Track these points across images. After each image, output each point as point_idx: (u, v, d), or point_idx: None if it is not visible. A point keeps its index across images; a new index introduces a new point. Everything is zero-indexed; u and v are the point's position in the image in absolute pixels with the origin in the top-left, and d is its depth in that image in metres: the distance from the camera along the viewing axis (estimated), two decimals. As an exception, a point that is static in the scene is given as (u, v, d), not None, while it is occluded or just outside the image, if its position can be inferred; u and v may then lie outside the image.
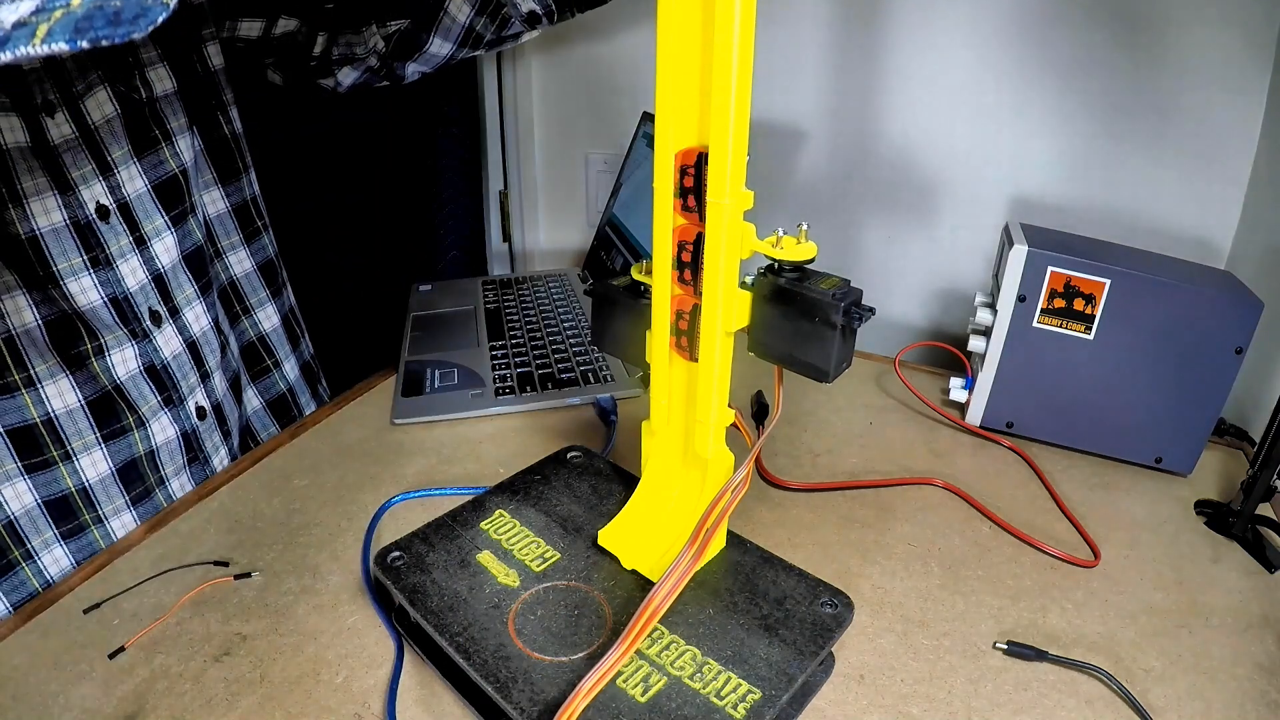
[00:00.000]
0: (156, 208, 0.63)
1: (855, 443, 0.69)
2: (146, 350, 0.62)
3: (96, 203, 0.58)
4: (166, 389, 0.64)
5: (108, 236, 0.59)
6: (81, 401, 0.59)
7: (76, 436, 0.59)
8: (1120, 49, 0.79)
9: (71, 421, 0.59)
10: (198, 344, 0.68)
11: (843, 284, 0.41)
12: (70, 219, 0.56)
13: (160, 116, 0.64)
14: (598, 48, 1.10)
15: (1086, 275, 0.63)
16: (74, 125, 0.57)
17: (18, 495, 0.57)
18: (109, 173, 0.59)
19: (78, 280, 0.57)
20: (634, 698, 0.38)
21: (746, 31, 0.34)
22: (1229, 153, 0.78)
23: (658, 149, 0.39)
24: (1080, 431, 0.68)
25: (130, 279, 0.61)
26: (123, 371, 0.61)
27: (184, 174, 0.66)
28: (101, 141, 0.58)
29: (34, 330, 0.56)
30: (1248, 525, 0.58)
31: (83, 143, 0.57)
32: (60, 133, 0.56)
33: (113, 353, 0.60)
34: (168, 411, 0.65)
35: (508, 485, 0.55)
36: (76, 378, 0.59)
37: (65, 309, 0.57)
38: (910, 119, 0.91)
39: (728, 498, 0.43)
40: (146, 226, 0.62)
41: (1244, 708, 0.44)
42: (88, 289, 0.58)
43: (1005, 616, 0.50)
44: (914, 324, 1.00)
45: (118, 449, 0.61)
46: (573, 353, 0.82)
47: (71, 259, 0.57)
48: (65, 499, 0.59)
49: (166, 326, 0.64)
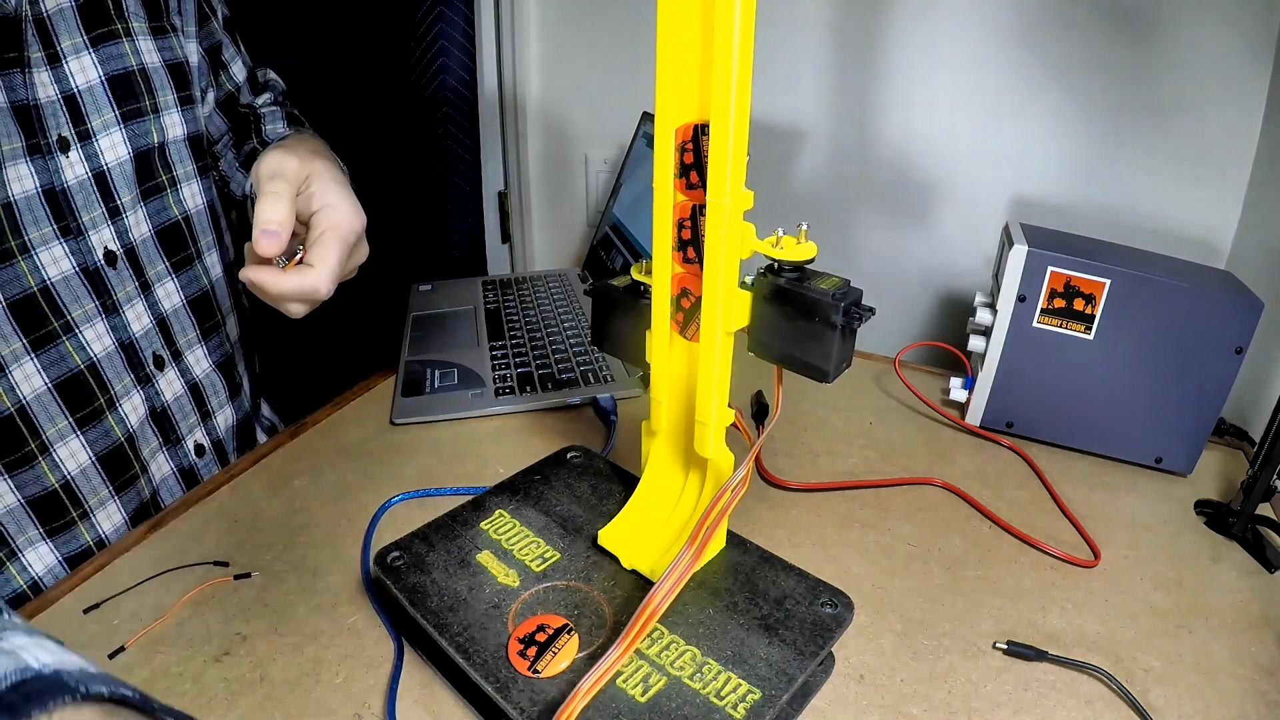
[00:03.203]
0: (159, 253, 0.63)
1: (855, 443, 0.69)
2: (149, 394, 0.62)
3: (105, 248, 0.57)
4: (166, 430, 0.64)
5: (114, 282, 0.58)
6: (93, 458, 0.58)
7: (92, 494, 0.58)
8: (1120, 49, 0.79)
9: (85, 480, 0.57)
10: (200, 386, 0.68)
11: (843, 284, 0.41)
12: (80, 265, 0.56)
13: (169, 162, 0.64)
14: (598, 48, 1.10)
15: (1086, 275, 0.63)
16: (87, 165, 0.56)
17: (39, 557, 0.56)
18: (117, 217, 0.58)
19: (92, 327, 0.57)
20: (634, 698, 0.38)
21: (748, 4, 0.34)
22: (1229, 152, 0.78)
23: (657, 125, 0.39)
24: (1080, 431, 0.68)
25: (135, 324, 0.60)
26: (134, 420, 0.60)
27: (186, 220, 0.65)
28: (113, 184, 0.58)
29: (44, 394, 0.54)
30: (1248, 525, 0.58)
31: (94, 185, 0.56)
32: (74, 174, 0.55)
33: (123, 402, 0.59)
34: (165, 451, 0.65)
35: (508, 485, 0.55)
36: (88, 435, 0.57)
37: (76, 364, 0.56)
38: (910, 119, 0.91)
39: (727, 497, 0.43)
40: (150, 272, 0.62)
41: (1244, 708, 0.44)
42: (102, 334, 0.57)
43: (1005, 616, 0.50)
44: (914, 324, 1.00)
45: (128, 499, 0.60)
46: (573, 353, 0.82)
47: (85, 305, 0.56)
48: (82, 554, 0.58)
49: (169, 370, 0.64)
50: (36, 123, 0.52)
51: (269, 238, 0.50)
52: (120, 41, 0.58)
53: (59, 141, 0.54)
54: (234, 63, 0.74)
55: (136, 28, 0.60)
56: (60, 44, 0.54)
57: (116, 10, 0.58)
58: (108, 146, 0.57)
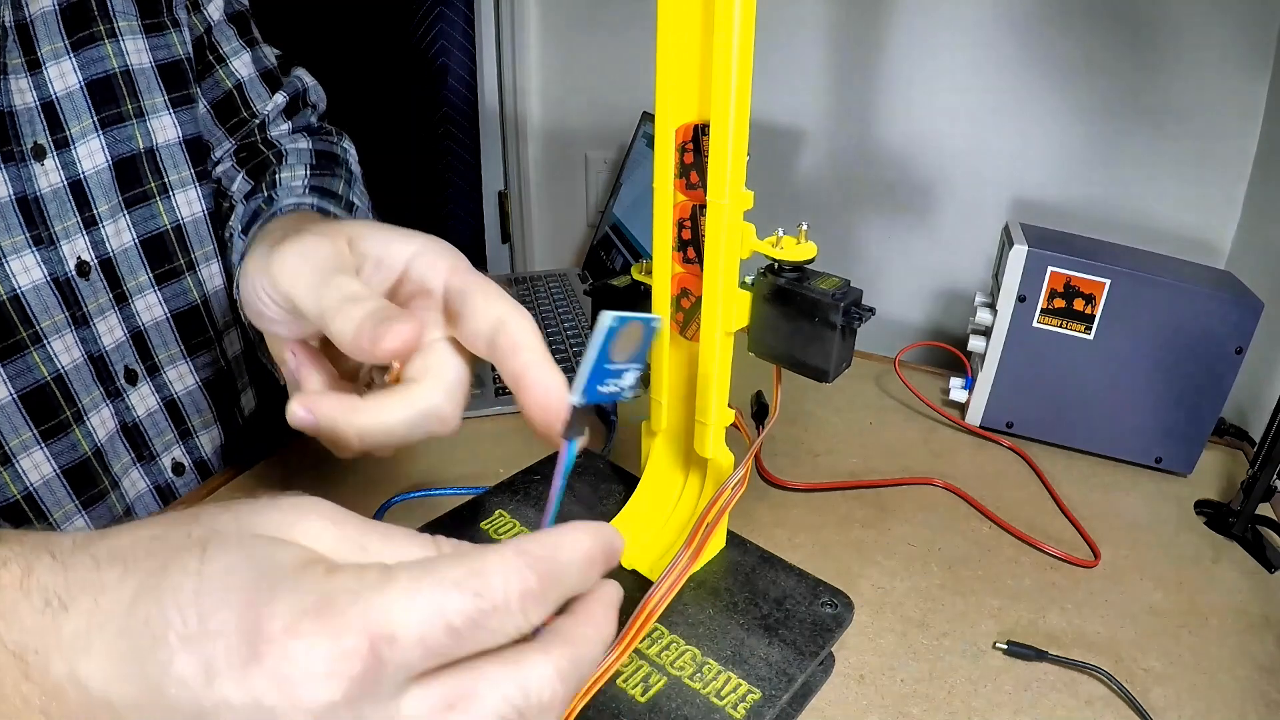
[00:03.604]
0: (142, 264, 0.60)
1: (855, 443, 0.69)
2: (119, 408, 0.60)
3: (78, 258, 0.55)
4: (139, 447, 0.62)
5: (85, 293, 0.55)
6: (57, 471, 0.55)
7: (56, 507, 0.56)
8: (1120, 49, 0.79)
9: (49, 492, 0.55)
10: (179, 403, 0.64)
11: (843, 284, 0.41)
12: (50, 275, 0.53)
13: (159, 167, 0.60)
14: (598, 48, 1.10)
15: (1086, 275, 0.63)
16: (63, 174, 0.53)
17: None
18: (93, 227, 0.56)
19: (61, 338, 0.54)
20: (634, 698, 0.38)
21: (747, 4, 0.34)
22: (1229, 152, 0.78)
23: (658, 126, 0.39)
24: (1080, 431, 0.68)
25: (107, 337, 0.58)
26: (103, 434, 0.58)
27: (177, 230, 0.62)
28: (89, 192, 0.55)
29: (8, 405, 0.52)
30: (1248, 525, 0.58)
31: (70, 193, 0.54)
32: (48, 181, 0.52)
33: (90, 415, 0.57)
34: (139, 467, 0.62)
35: (508, 485, 0.55)
36: (53, 448, 0.55)
37: (42, 375, 0.54)
38: (910, 119, 0.91)
39: (726, 496, 0.43)
40: (130, 283, 0.59)
41: (1244, 708, 0.44)
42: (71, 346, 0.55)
43: (1005, 616, 0.50)
44: (914, 324, 1.00)
45: (97, 514, 0.59)
46: (573, 353, 0.82)
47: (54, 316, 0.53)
48: None
49: (142, 385, 0.61)
50: (10, 130, 0.51)
51: (304, 416, 0.34)
52: (102, 44, 0.56)
53: (34, 149, 0.52)
54: (236, 57, 0.67)
55: (124, 27, 0.57)
56: (40, 50, 0.52)
57: (101, 11, 0.56)
58: (85, 154, 0.55)
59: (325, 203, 0.63)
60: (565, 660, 0.25)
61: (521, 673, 0.24)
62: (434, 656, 0.22)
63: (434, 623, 0.22)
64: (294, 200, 0.62)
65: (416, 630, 0.22)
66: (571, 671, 0.25)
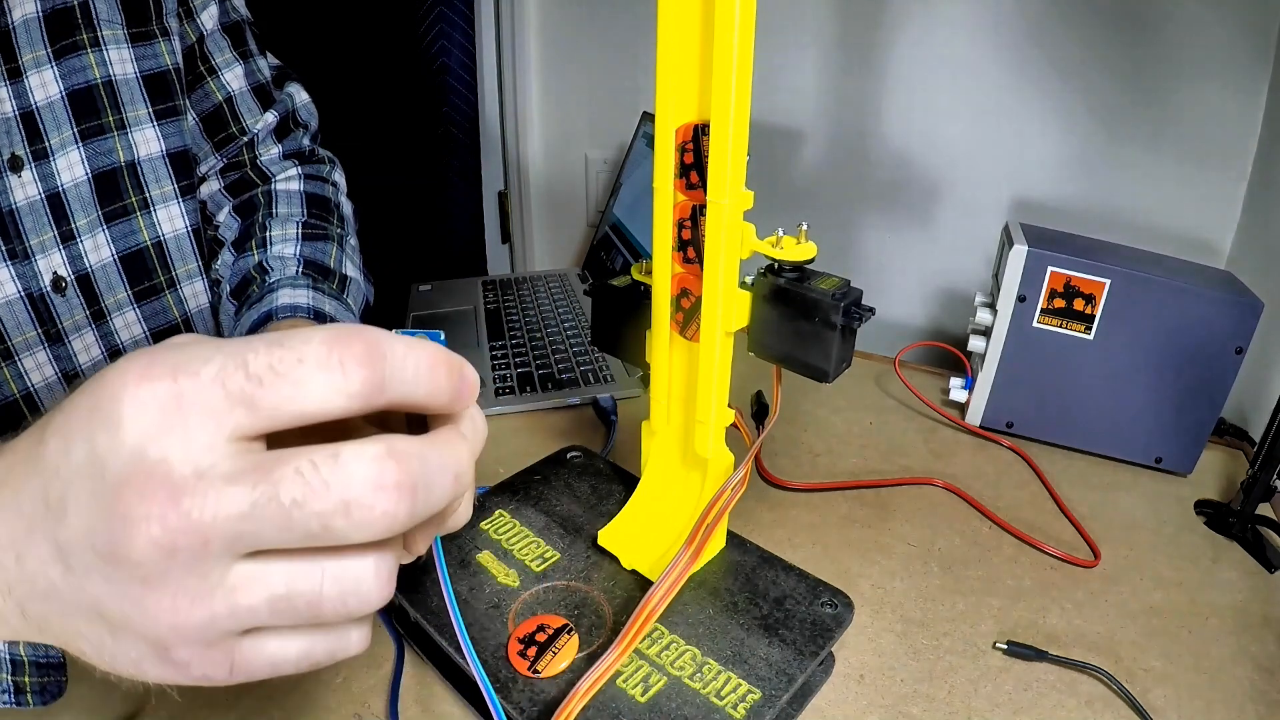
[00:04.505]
0: (121, 280, 0.58)
1: (855, 443, 0.69)
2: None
3: (54, 273, 0.53)
4: None
5: (61, 310, 0.54)
6: None
7: None
8: (1120, 48, 0.79)
9: None
10: None
11: (843, 284, 0.41)
12: (24, 290, 0.52)
13: (141, 181, 0.59)
14: (598, 48, 1.10)
15: (1086, 275, 0.63)
16: (40, 186, 0.52)
17: None
18: (71, 241, 0.54)
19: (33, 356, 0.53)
20: (634, 698, 0.38)
21: (748, 4, 0.34)
22: (1229, 152, 0.78)
23: (658, 126, 0.39)
24: (1080, 431, 0.68)
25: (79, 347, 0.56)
26: None
27: (158, 246, 0.61)
28: (68, 206, 0.54)
29: None
30: (1248, 525, 0.58)
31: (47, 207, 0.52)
32: (25, 194, 0.51)
33: None
34: None
35: (508, 485, 0.55)
36: None
37: (11, 392, 0.52)
38: (910, 119, 0.91)
39: (726, 496, 0.43)
40: (108, 300, 0.57)
41: (1244, 708, 0.44)
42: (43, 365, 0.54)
43: (1005, 616, 0.50)
44: (914, 324, 1.00)
45: None
46: (573, 353, 0.82)
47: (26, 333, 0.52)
48: None
49: None
50: None
51: None
52: (84, 53, 0.54)
53: (10, 160, 0.51)
54: (228, 69, 0.66)
55: (108, 36, 0.55)
56: (22, 57, 0.51)
57: (85, 19, 0.54)
58: (64, 166, 0.53)
59: (320, 299, 0.62)
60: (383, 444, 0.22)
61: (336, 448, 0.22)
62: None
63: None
64: (289, 295, 0.61)
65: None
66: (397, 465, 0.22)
